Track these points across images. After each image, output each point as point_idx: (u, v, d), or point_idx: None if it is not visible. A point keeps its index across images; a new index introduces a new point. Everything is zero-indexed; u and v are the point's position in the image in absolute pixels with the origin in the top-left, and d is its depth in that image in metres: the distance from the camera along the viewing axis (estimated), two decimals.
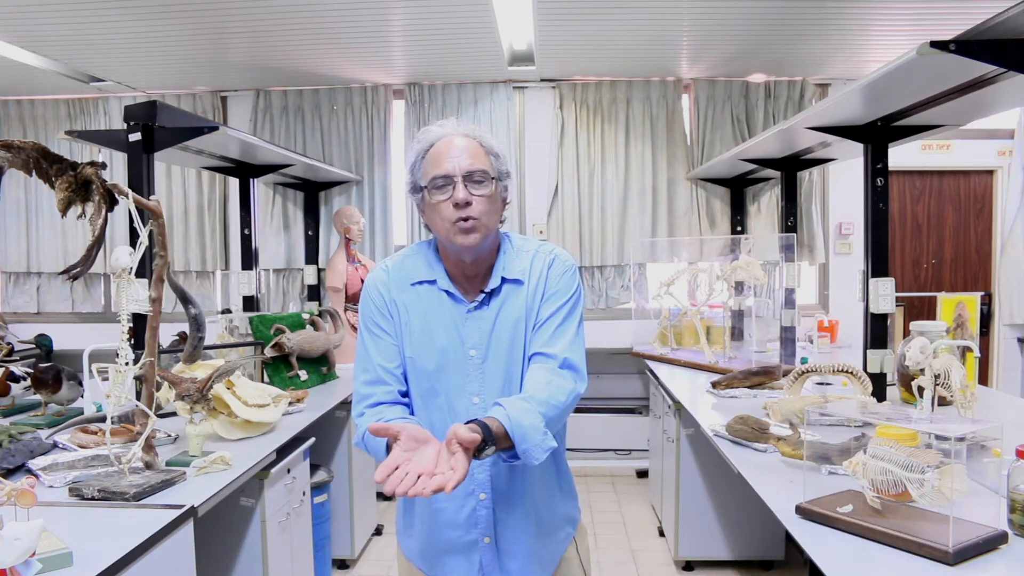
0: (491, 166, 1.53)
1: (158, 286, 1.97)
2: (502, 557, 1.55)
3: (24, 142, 2.20)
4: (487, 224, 1.51)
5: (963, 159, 5.14)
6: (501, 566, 1.55)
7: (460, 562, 1.57)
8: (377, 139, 5.10)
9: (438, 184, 1.49)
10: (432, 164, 1.51)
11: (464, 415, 1.49)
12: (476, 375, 1.53)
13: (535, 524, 1.57)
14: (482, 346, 1.53)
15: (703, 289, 4.13)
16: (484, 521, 1.54)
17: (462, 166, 1.49)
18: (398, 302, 1.57)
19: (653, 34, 4.11)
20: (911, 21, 3.82)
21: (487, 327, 1.53)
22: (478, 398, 1.52)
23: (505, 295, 1.55)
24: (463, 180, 1.48)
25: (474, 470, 1.50)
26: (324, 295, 5.01)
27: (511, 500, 1.54)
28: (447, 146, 1.51)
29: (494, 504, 1.53)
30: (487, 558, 1.55)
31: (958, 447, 1.54)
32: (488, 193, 1.50)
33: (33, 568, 1.34)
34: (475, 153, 1.51)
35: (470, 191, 1.48)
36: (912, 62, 1.97)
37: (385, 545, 3.90)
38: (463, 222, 1.48)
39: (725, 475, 3.09)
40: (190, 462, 2.06)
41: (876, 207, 2.79)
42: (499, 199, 1.55)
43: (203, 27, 3.89)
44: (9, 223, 5.26)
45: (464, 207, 1.47)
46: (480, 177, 1.50)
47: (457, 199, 1.47)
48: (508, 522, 1.54)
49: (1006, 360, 5.10)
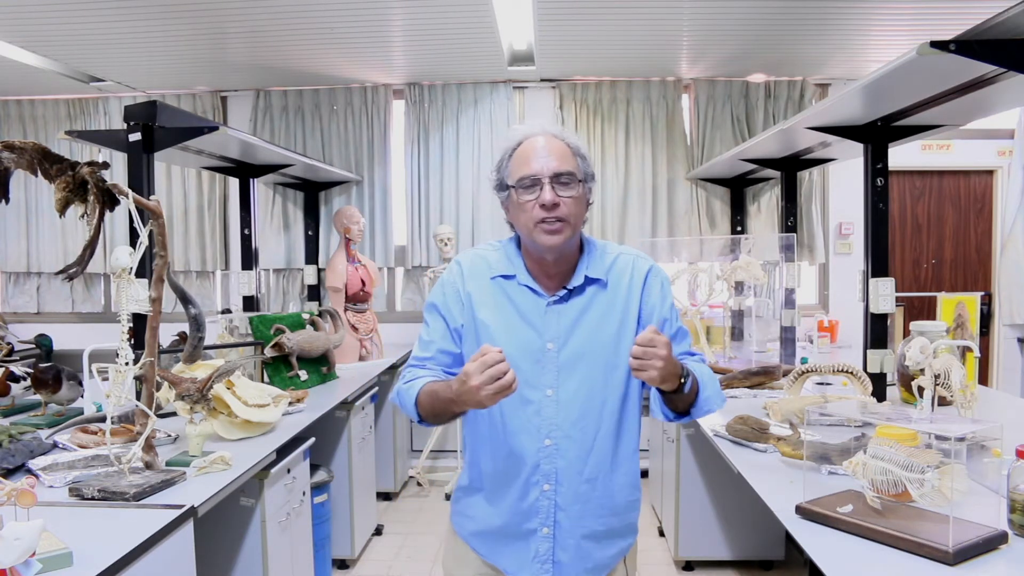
0: (578, 167, 1.55)
1: (158, 286, 1.97)
2: (556, 549, 1.55)
3: (25, 143, 2.21)
4: (572, 225, 1.53)
5: (963, 159, 5.14)
6: (555, 557, 1.55)
7: (517, 548, 1.57)
8: (377, 139, 5.10)
9: (526, 184, 1.52)
10: (520, 163, 1.53)
11: (537, 407, 1.53)
12: (552, 367, 1.54)
13: (595, 523, 1.56)
14: (560, 339, 1.54)
15: (703, 289, 4.12)
16: (544, 511, 1.54)
17: (550, 167, 1.50)
18: (473, 296, 1.59)
19: (653, 34, 4.11)
20: (911, 21, 3.82)
21: (567, 322, 1.55)
22: (551, 391, 1.53)
23: (590, 295, 1.57)
24: (551, 181, 1.50)
25: (540, 461, 1.53)
26: (324, 295, 5.01)
27: (574, 494, 1.54)
28: (534, 146, 1.53)
29: (556, 496, 1.54)
30: (543, 547, 1.55)
31: (958, 447, 1.54)
32: (575, 195, 1.52)
33: (33, 568, 1.34)
34: (562, 154, 1.53)
35: (557, 192, 1.50)
36: (912, 62, 1.97)
37: (385, 545, 3.91)
38: (548, 224, 1.50)
39: (725, 475, 3.09)
40: (190, 462, 2.06)
41: (876, 207, 2.79)
42: (584, 200, 1.57)
43: (203, 27, 3.89)
44: (9, 223, 5.27)
45: (551, 208, 1.50)
46: (567, 179, 1.51)
47: (544, 200, 1.49)
48: (569, 514, 1.54)
49: (1006, 360, 5.10)
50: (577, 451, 1.53)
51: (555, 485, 1.53)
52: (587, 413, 1.53)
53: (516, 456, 1.54)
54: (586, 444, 1.53)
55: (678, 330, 1.62)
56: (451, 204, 5.07)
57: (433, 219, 5.07)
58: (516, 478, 1.55)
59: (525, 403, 1.53)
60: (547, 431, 1.53)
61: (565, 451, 1.52)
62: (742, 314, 4.04)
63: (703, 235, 4.98)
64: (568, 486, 1.53)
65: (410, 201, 5.13)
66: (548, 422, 1.53)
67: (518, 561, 1.57)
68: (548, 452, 1.52)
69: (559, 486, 1.53)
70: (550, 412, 1.53)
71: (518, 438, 1.54)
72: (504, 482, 1.57)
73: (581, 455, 1.53)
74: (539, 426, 1.53)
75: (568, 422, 1.53)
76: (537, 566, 1.55)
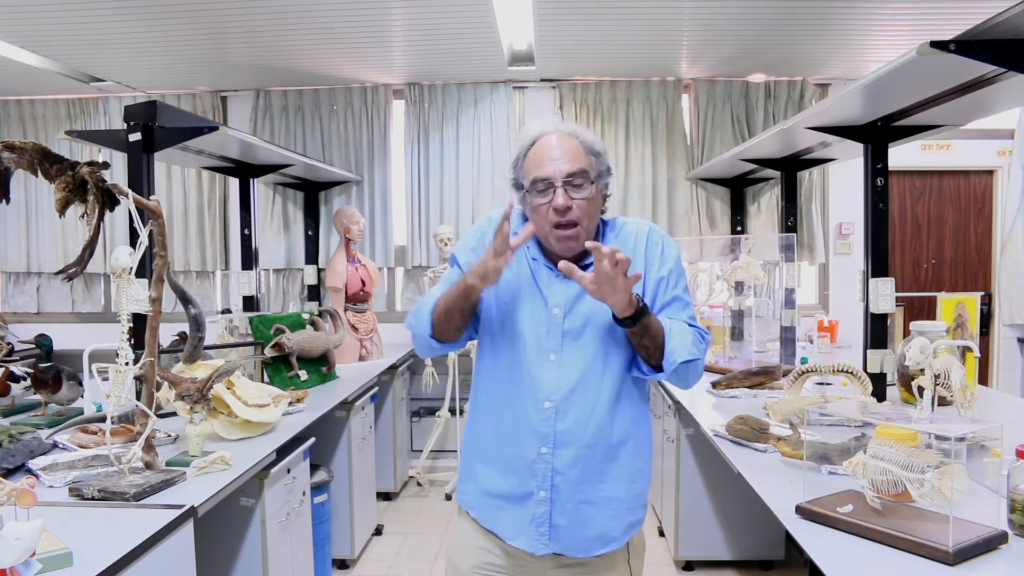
0: (591, 166, 1.56)
1: (158, 286, 1.97)
2: (554, 512, 1.55)
3: (25, 143, 2.21)
4: (586, 227, 1.55)
5: (963, 159, 5.14)
6: (552, 521, 1.55)
7: (515, 512, 1.57)
8: (377, 139, 5.10)
9: (539, 188, 1.53)
10: (533, 164, 1.55)
11: (539, 370, 1.54)
12: (556, 333, 1.55)
13: (594, 489, 1.55)
14: (565, 306, 1.55)
15: (703, 289, 4.12)
16: (542, 474, 1.54)
17: (562, 170, 1.52)
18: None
19: (653, 34, 4.11)
20: (911, 21, 3.82)
21: (574, 290, 1.55)
22: (555, 355, 1.54)
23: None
24: (563, 184, 1.51)
25: (539, 424, 1.53)
26: (324, 295, 5.01)
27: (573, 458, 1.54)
28: (547, 146, 1.54)
29: (554, 459, 1.54)
30: (540, 511, 1.55)
31: (958, 447, 1.54)
32: (588, 196, 1.54)
33: (33, 568, 1.34)
34: (575, 154, 1.54)
35: (570, 195, 1.52)
36: (912, 62, 1.97)
37: (385, 545, 3.91)
38: (562, 229, 1.52)
39: (725, 475, 3.09)
40: (190, 462, 2.06)
41: (876, 207, 2.79)
42: (599, 199, 1.59)
43: (203, 27, 3.89)
44: (9, 223, 5.27)
45: (564, 212, 1.51)
46: (580, 180, 1.53)
47: (557, 205, 1.51)
48: (567, 478, 1.54)
49: (1006, 360, 5.09)
50: (576, 415, 1.53)
51: (552, 448, 1.53)
52: (587, 378, 1.54)
53: (516, 418, 1.56)
54: (585, 409, 1.53)
55: (674, 298, 1.60)
56: (451, 204, 5.07)
57: (433, 219, 5.07)
58: (515, 440, 1.56)
59: (527, 366, 1.55)
60: (547, 394, 1.53)
61: (564, 415, 1.53)
62: (742, 314, 4.04)
63: (703, 235, 4.98)
64: (566, 450, 1.53)
65: (410, 201, 5.13)
66: (549, 385, 1.54)
67: (516, 525, 1.57)
68: (547, 415, 1.53)
69: (557, 449, 1.53)
70: (551, 375, 1.54)
71: (519, 400, 1.55)
72: (504, 444, 1.58)
73: (580, 419, 1.53)
74: (539, 389, 1.54)
75: (568, 386, 1.53)
76: (533, 529, 1.55)
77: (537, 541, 1.55)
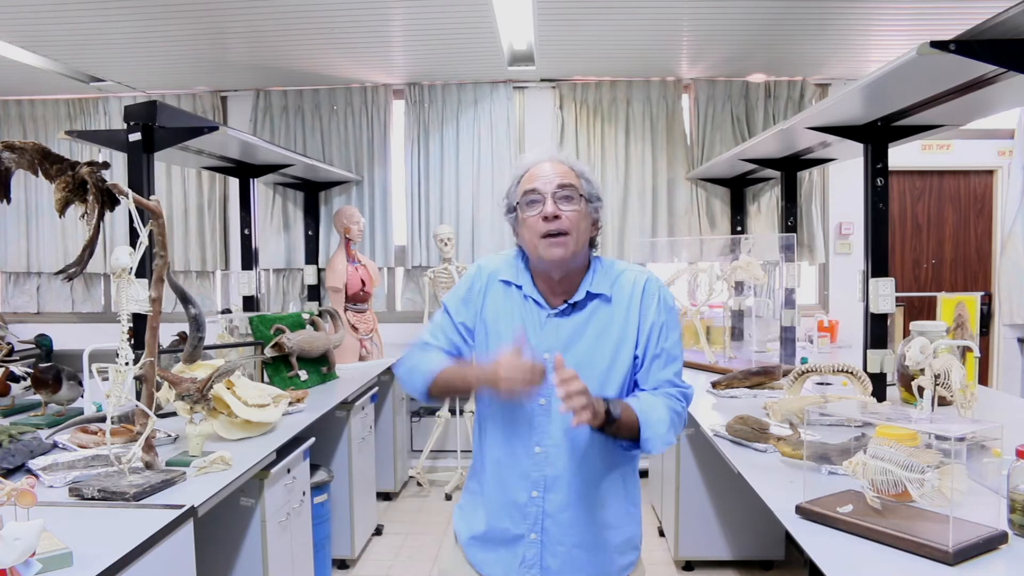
0: (581, 186, 1.59)
1: (158, 286, 1.97)
2: (545, 555, 1.56)
3: (25, 143, 2.21)
4: (575, 239, 1.56)
5: (963, 159, 5.14)
6: (543, 563, 1.57)
7: (505, 554, 1.59)
8: (377, 139, 5.10)
9: (529, 200, 1.57)
10: (525, 184, 1.60)
11: (529, 415, 1.56)
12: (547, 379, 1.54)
13: (584, 532, 1.57)
14: (556, 351, 1.54)
15: (703, 289, 4.12)
16: (533, 517, 1.56)
17: (552, 182, 1.56)
18: (486, 295, 1.64)
19: (653, 34, 4.11)
20: (911, 21, 3.82)
21: (565, 335, 1.58)
22: (544, 400, 1.55)
23: (592, 310, 1.60)
24: (552, 196, 1.55)
25: (530, 468, 1.56)
26: (324, 295, 5.01)
27: (564, 502, 1.56)
28: (539, 168, 1.60)
29: (544, 503, 1.56)
30: (531, 553, 1.57)
31: (958, 447, 1.54)
32: (577, 209, 1.56)
33: (33, 568, 1.34)
34: (565, 174, 1.59)
35: (559, 206, 1.54)
36: (912, 62, 1.97)
37: (385, 545, 3.91)
38: (551, 237, 1.54)
39: (725, 475, 3.09)
40: (190, 462, 2.06)
41: (876, 207, 2.79)
42: (589, 218, 1.60)
43: (203, 27, 3.89)
44: (9, 223, 5.27)
45: (553, 220, 1.53)
46: (569, 193, 1.56)
47: (546, 212, 1.54)
48: (557, 521, 1.56)
49: (1006, 360, 5.09)
50: (567, 460, 1.55)
51: (543, 492, 1.56)
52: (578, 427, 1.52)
53: (508, 462, 1.58)
54: (576, 454, 1.55)
55: (662, 351, 1.59)
56: (451, 204, 5.07)
57: (433, 219, 5.07)
58: (507, 483, 1.58)
59: (519, 411, 1.56)
60: (537, 439, 1.56)
61: (555, 460, 1.55)
62: (742, 314, 4.04)
63: (703, 235, 4.98)
64: (557, 494, 1.55)
65: (410, 201, 5.13)
66: (539, 431, 1.56)
67: (505, 567, 1.59)
68: (538, 460, 1.56)
69: (547, 493, 1.56)
70: (542, 421, 1.56)
71: (511, 444, 1.58)
72: (496, 486, 1.61)
73: (571, 464, 1.55)
74: (530, 434, 1.56)
75: (559, 432, 1.55)
76: (524, 571, 1.57)
77: None
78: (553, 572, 1.57)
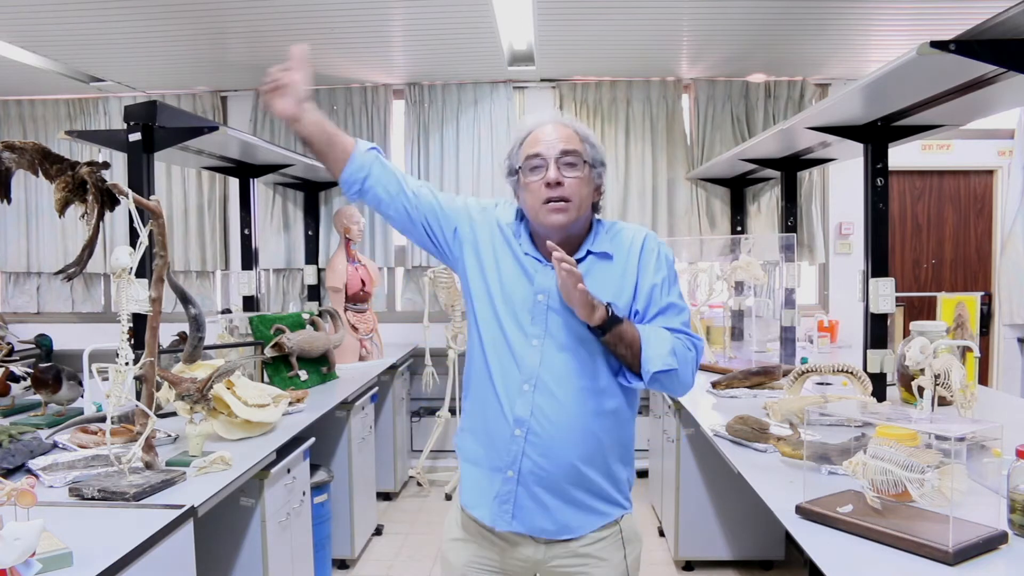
0: (585, 151, 1.57)
1: (158, 286, 1.97)
2: (519, 493, 1.55)
3: (25, 143, 2.21)
4: (577, 206, 1.55)
5: (963, 159, 5.14)
6: (517, 501, 1.56)
7: (483, 484, 1.60)
8: (377, 139, 5.09)
9: (532, 164, 1.55)
10: (528, 147, 1.58)
11: (521, 354, 1.55)
12: (540, 319, 1.56)
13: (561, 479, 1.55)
14: (550, 294, 1.56)
15: (703, 289, 4.12)
16: (513, 455, 1.55)
17: (556, 147, 1.55)
18: (494, 229, 1.63)
19: (653, 34, 4.11)
20: (911, 21, 3.82)
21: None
22: (537, 341, 1.55)
23: (589, 264, 1.59)
24: (555, 161, 1.53)
25: (516, 406, 1.54)
26: (324, 295, 5.00)
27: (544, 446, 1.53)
28: (543, 131, 1.58)
29: (525, 443, 1.54)
30: (505, 489, 1.56)
31: (958, 447, 1.54)
32: (580, 175, 1.55)
33: (33, 568, 1.34)
34: (569, 138, 1.57)
35: (562, 172, 1.53)
36: (912, 62, 1.97)
37: (385, 545, 3.91)
38: (553, 203, 1.53)
39: (725, 475, 3.09)
40: (190, 462, 2.06)
41: (876, 207, 2.79)
42: (592, 184, 1.59)
43: (203, 27, 3.89)
44: (9, 223, 5.26)
45: (555, 187, 1.52)
46: (573, 159, 1.55)
47: (549, 179, 1.53)
48: (535, 463, 1.54)
49: (1006, 360, 5.09)
50: (552, 405, 1.53)
51: (525, 433, 1.54)
52: (568, 371, 1.54)
53: (496, 399, 1.57)
54: (561, 400, 1.53)
55: (669, 305, 1.59)
56: None
57: None
58: (495, 418, 1.57)
59: (511, 347, 1.56)
60: (526, 378, 1.54)
61: (540, 402, 1.53)
62: (742, 314, 4.04)
63: (703, 235, 4.98)
64: (538, 436, 1.53)
65: None
66: (529, 371, 1.54)
67: (481, 496, 1.60)
68: (525, 399, 1.54)
69: (530, 434, 1.54)
70: (532, 361, 1.54)
71: (501, 378, 1.56)
72: (484, 422, 1.60)
73: (555, 409, 1.53)
74: (519, 373, 1.55)
75: (547, 375, 1.54)
76: (497, 505, 1.57)
77: (499, 518, 1.57)
78: (527, 512, 1.55)
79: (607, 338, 1.50)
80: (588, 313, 1.46)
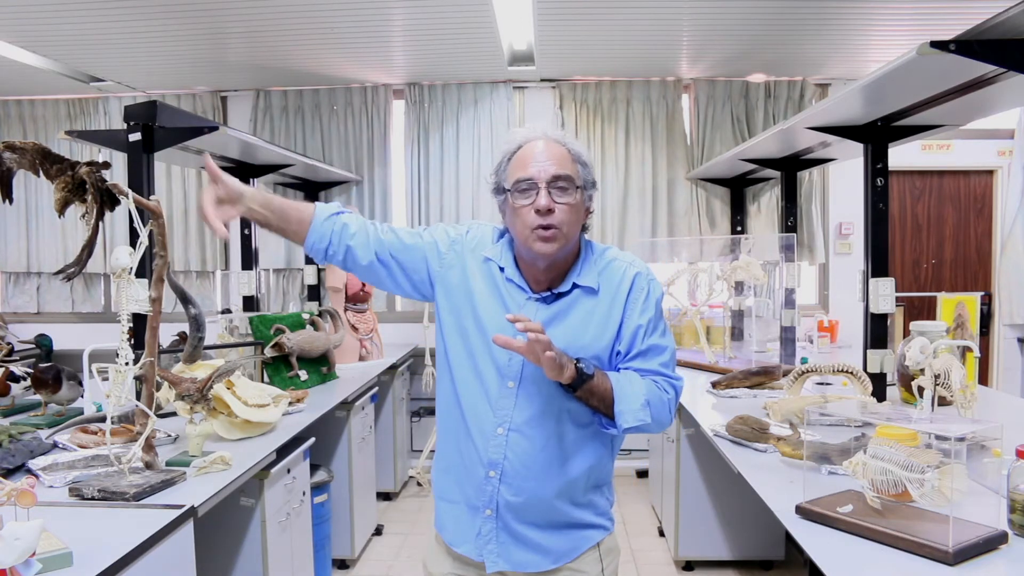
0: (577, 174, 1.52)
1: (158, 286, 1.97)
2: (499, 530, 1.55)
3: (25, 143, 2.21)
4: (567, 234, 1.50)
5: (963, 159, 5.14)
6: (498, 538, 1.55)
7: (464, 522, 1.58)
8: (377, 139, 5.10)
9: (521, 188, 1.49)
10: (517, 166, 1.51)
11: (497, 397, 1.52)
12: (518, 360, 1.51)
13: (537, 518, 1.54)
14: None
15: (703, 289, 4.13)
16: (488, 495, 1.54)
17: (548, 171, 1.48)
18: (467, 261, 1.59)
19: (653, 34, 4.11)
20: (911, 21, 3.82)
21: (543, 319, 1.51)
22: (513, 383, 1.52)
23: (574, 298, 1.55)
24: (547, 186, 1.48)
25: (490, 448, 1.52)
26: (324, 295, 5.00)
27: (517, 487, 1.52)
28: (533, 149, 1.51)
29: (500, 484, 1.53)
30: (486, 527, 1.55)
31: (958, 447, 1.54)
32: (572, 202, 1.49)
33: (33, 568, 1.34)
34: (561, 160, 1.50)
35: (553, 198, 1.47)
36: (912, 62, 1.97)
37: (385, 545, 3.91)
38: (543, 230, 1.48)
39: (725, 475, 3.09)
40: (190, 462, 2.06)
41: (876, 207, 2.79)
42: (582, 208, 1.55)
43: (203, 27, 3.89)
44: (9, 223, 5.27)
45: (546, 214, 1.47)
46: (565, 184, 1.49)
47: (539, 206, 1.47)
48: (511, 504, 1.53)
49: (1006, 360, 5.09)
50: (526, 447, 1.51)
51: (500, 474, 1.52)
52: (544, 413, 1.51)
53: (471, 442, 1.54)
54: (536, 443, 1.51)
55: (651, 347, 1.54)
56: (451, 204, 5.07)
57: (433, 219, 5.07)
58: (469, 459, 1.55)
59: (485, 393, 1.53)
60: (500, 421, 1.52)
61: (514, 444, 1.51)
62: (742, 314, 4.04)
63: (703, 235, 4.98)
64: (513, 478, 1.52)
65: (410, 201, 5.13)
66: (503, 413, 1.52)
67: (462, 534, 1.58)
68: (499, 441, 1.51)
69: (504, 476, 1.52)
70: (507, 404, 1.52)
71: (475, 425, 1.54)
72: (460, 460, 1.58)
73: (530, 452, 1.51)
74: (493, 416, 1.52)
75: (522, 418, 1.51)
76: (482, 544, 1.56)
77: (487, 557, 1.56)
78: (509, 547, 1.54)
79: (578, 394, 1.47)
80: (556, 373, 1.42)
